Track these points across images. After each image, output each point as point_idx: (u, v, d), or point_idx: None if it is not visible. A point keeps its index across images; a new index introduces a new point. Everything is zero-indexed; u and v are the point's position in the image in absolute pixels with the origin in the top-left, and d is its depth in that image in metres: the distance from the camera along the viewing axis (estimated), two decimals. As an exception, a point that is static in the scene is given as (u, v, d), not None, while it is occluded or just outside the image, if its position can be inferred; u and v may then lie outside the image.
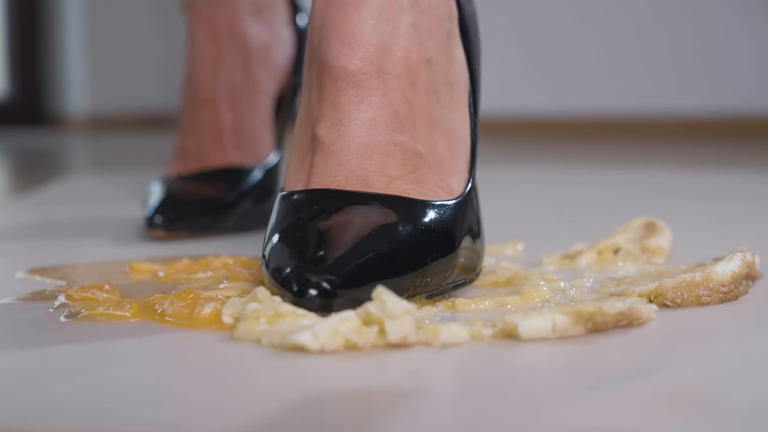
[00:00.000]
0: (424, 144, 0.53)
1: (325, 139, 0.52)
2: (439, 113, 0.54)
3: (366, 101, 0.52)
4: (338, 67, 0.52)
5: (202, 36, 0.87)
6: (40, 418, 0.35)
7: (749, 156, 1.79)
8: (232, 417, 0.35)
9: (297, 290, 0.46)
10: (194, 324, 0.48)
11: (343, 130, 0.52)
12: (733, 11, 2.51)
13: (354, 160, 0.52)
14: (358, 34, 0.53)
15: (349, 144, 0.52)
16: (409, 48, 0.53)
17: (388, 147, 0.52)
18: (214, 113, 0.85)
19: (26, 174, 1.66)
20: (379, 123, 0.52)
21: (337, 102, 0.52)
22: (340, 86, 0.52)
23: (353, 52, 0.52)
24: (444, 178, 0.53)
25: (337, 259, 0.47)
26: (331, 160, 0.52)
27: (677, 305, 0.50)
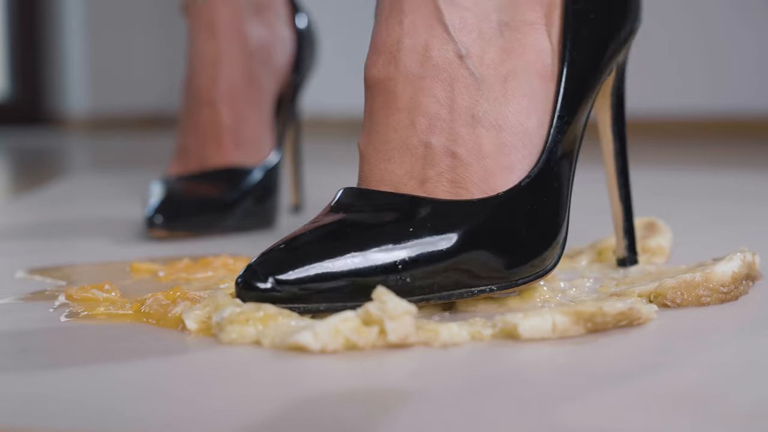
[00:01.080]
0: (462, 142, 0.51)
1: (361, 148, 0.52)
2: (486, 108, 0.51)
3: (393, 105, 0.51)
4: (368, 77, 0.52)
5: (202, 36, 0.87)
6: (40, 418, 0.35)
7: (750, 156, 1.79)
8: (232, 417, 0.35)
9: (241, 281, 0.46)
10: (166, 324, 0.48)
11: (374, 137, 0.52)
12: (734, 11, 2.51)
13: (383, 165, 0.51)
14: (382, 42, 0.52)
15: (378, 149, 0.52)
16: (438, 47, 0.51)
17: (418, 149, 0.51)
18: (214, 113, 0.85)
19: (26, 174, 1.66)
20: (407, 126, 0.51)
21: (368, 110, 0.52)
22: (370, 94, 0.52)
23: (378, 59, 0.52)
24: (486, 177, 0.50)
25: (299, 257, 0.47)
26: (365, 168, 0.52)
27: (677, 305, 0.50)
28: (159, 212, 0.78)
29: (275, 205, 0.86)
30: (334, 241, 0.47)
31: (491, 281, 0.49)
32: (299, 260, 0.47)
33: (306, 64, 0.91)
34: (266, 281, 0.46)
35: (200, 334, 0.46)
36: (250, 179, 0.84)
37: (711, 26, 2.55)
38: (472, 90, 0.51)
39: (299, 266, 0.46)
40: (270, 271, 0.46)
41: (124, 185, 1.23)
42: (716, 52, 2.55)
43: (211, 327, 0.46)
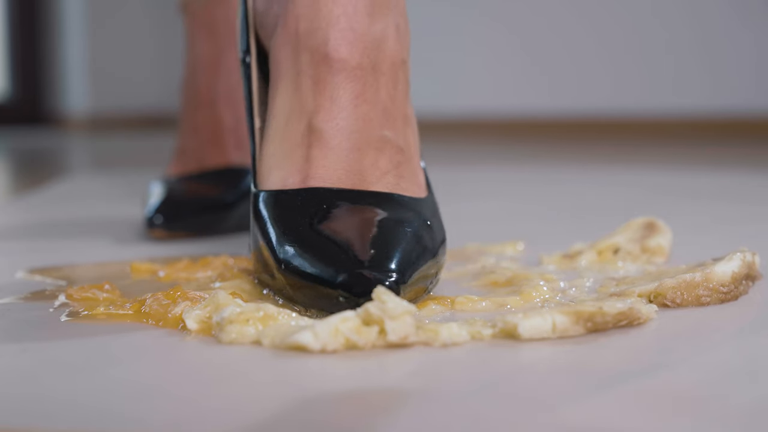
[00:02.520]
0: (402, 140, 0.55)
1: (324, 133, 0.53)
2: (409, 111, 0.56)
3: (361, 96, 0.53)
4: (339, 59, 0.53)
5: (200, 36, 0.87)
6: (40, 418, 0.35)
7: (749, 156, 1.79)
8: (232, 417, 0.35)
9: (360, 292, 0.46)
10: (166, 324, 0.48)
11: (342, 125, 0.53)
12: (733, 11, 2.51)
13: (352, 155, 0.53)
14: (356, 29, 0.54)
15: (348, 138, 0.53)
16: (394, 48, 0.55)
17: (379, 143, 0.53)
18: (213, 114, 0.85)
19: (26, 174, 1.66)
20: (372, 119, 0.53)
21: (336, 95, 0.53)
22: (339, 79, 0.53)
23: (353, 46, 0.53)
24: (416, 174, 0.55)
25: (388, 256, 0.48)
26: (330, 155, 0.53)
27: (677, 305, 0.50)
28: (159, 212, 0.78)
29: (275, 205, 0.86)
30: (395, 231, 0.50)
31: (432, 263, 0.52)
32: (386, 257, 0.47)
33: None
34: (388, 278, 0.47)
35: (200, 334, 0.46)
36: (249, 179, 0.84)
37: (710, 26, 2.55)
38: (406, 94, 0.56)
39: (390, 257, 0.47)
40: (392, 273, 0.47)
41: (124, 185, 1.23)
42: (715, 52, 2.55)
43: (211, 327, 0.46)
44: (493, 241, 0.71)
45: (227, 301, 0.47)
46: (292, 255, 0.49)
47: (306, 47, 0.54)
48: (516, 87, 2.76)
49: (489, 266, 0.61)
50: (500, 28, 2.72)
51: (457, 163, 1.56)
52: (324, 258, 0.48)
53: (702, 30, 2.56)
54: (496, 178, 1.23)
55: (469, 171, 1.43)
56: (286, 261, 0.49)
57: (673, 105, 2.56)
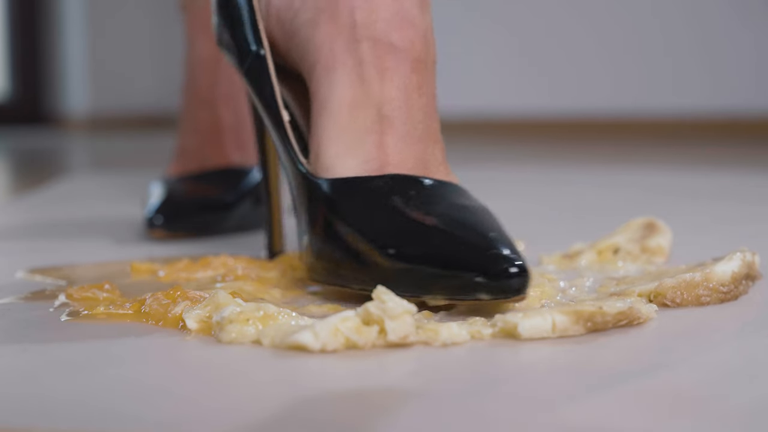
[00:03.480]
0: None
1: (396, 120, 0.54)
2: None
3: (423, 88, 0.54)
4: (404, 50, 0.54)
5: (200, 37, 0.87)
6: (40, 418, 0.35)
7: (749, 156, 1.79)
8: (232, 417, 0.35)
9: (517, 273, 0.46)
10: (166, 324, 0.48)
11: (411, 114, 0.54)
12: (733, 11, 2.51)
13: (419, 145, 0.54)
14: (413, 22, 0.55)
15: (416, 128, 0.54)
16: (433, 44, 0.56)
17: (435, 135, 0.55)
18: (213, 114, 0.85)
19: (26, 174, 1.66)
20: (430, 111, 0.55)
21: (402, 84, 0.54)
22: (405, 70, 0.54)
23: (415, 37, 0.54)
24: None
25: (505, 240, 0.48)
26: (400, 144, 0.53)
27: (677, 305, 0.50)
28: (159, 213, 0.78)
29: (275, 205, 0.86)
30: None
31: None
32: (504, 241, 0.48)
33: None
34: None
35: (200, 334, 0.46)
36: (250, 179, 0.84)
37: (710, 26, 2.55)
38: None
39: (507, 241, 0.48)
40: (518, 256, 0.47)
41: (124, 185, 1.23)
42: (715, 52, 2.55)
43: (211, 326, 0.46)
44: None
45: (227, 301, 0.47)
46: (406, 240, 0.49)
47: (367, 37, 0.54)
48: (516, 87, 2.76)
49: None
50: (500, 28, 2.72)
51: (457, 163, 1.55)
52: (451, 241, 0.48)
53: (702, 30, 2.56)
54: (496, 178, 1.23)
55: (469, 171, 1.43)
56: (397, 246, 0.49)
57: (673, 105, 2.56)
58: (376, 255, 0.49)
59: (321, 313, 0.50)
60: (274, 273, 0.59)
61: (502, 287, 0.46)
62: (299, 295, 0.55)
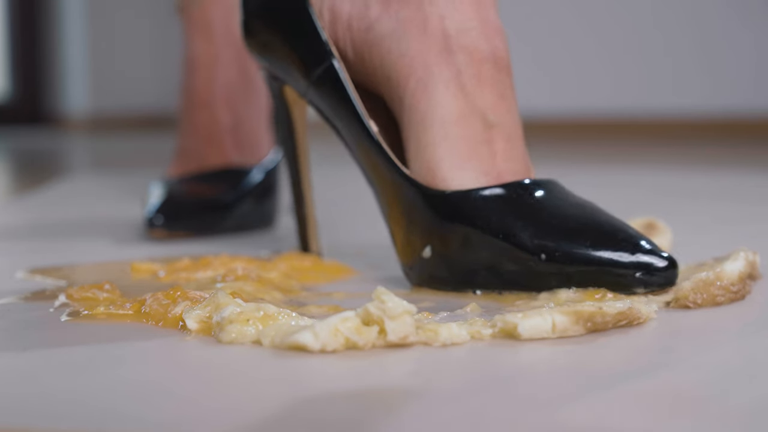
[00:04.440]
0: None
1: (504, 127, 0.55)
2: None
3: (512, 90, 0.56)
4: (500, 57, 0.56)
5: (197, 38, 0.87)
6: (40, 418, 0.35)
7: (749, 156, 1.79)
8: (232, 417, 0.35)
9: (669, 265, 0.51)
10: (166, 324, 0.48)
11: (514, 119, 0.56)
12: (733, 11, 2.51)
13: (521, 149, 0.56)
14: (498, 28, 0.56)
15: (516, 131, 0.56)
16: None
17: (522, 133, 0.57)
18: (212, 114, 0.85)
19: (26, 174, 1.66)
20: (516, 113, 0.56)
21: (503, 91, 0.56)
22: (503, 76, 0.56)
23: (501, 42, 0.56)
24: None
25: (640, 238, 0.52)
26: (511, 149, 0.55)
27: (698, 306, 0.50)
28: (159, 213, 0.78)
29: (275, 206, 0.86)
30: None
31: None
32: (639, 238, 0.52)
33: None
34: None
35: (200, 334, 0.46)
36: (249, 179, 0.84)
37: (709, 26, 2.55)
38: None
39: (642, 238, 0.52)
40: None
41: (124, 185, 1.23)
42: (714, 52, 2.55)
43: (211, 327, 0.46)
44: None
45: (227, 301, 0.47)
46: (562, 243, 0.52)
47: (461, 47, 0.55)
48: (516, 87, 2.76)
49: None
50: (500, 28, 2.72)
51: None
52: (605, 241, 0.51)
53: (701, 30, 2.56)
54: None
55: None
56: (555, 249, 0.51)
57: (673, 105, 2.56)
58: (529, 260, 0.52)
59: (321, 313, 0.50)
60: (274, 273, 0.59)
61: (659, 280, 0.51)
62: (299, 296, 0.55)
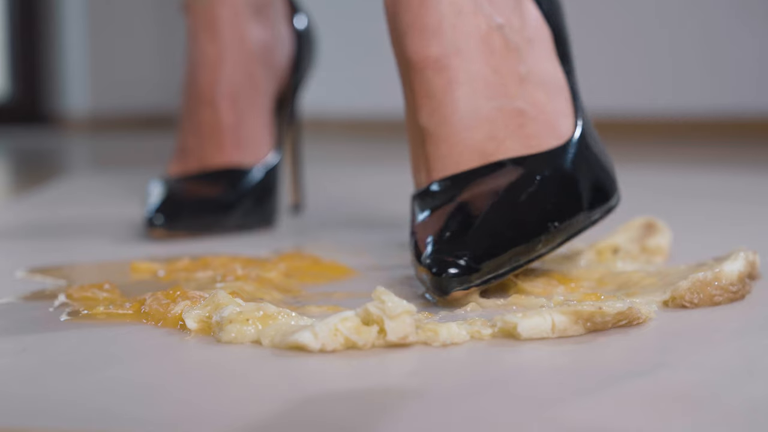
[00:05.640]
0: (521, 100, 0.56)
1: (430, 127, 0.56)
2: (526, 68, 0.57)
3: (455, 80, 0.55)
4: (420, 59, 0.56)
5: (203, 36, 0.87)
6: (40, 418, 0.35)
7: (750, 156, 1.79)
8: (232, 417, 0.35)
9: (437, 272, 0.50)
10: (166, 323, 0.48)
11: (444, 112, 0.56)
12: (735, 11, 2.51)
13: (463, 135, 0.55)
14: (428, 24, 0.56)
15: (454, 124, 0.55)
16: (475, 23, 0.56)
17: (489, 113, 0.55)
18: (215, 113, 0.85)
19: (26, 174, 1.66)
20: (472, 95, 0.55)
21: (429, 90, 0.56)
22: (427, 75, 0.56)
23: (430, 41, 0.56)
24: (552, 126, 0.56)
25: (468, 235, 0.51)
26: (442, 145, 0.56)
27: (694, 305, 0.50)
28: (159, 212, 0.78)
29: (275, 205, 0.86)
30: (485, 218, 0.53)
31: (602, 208, 0.56)
32: (471, 241, 0.52)
33: (305, 64, 0.91)
34: (461, 266, 0.50)
35: (200, 334, 0.46)
36: (250, 179, 0.84)
37: (711, 26, 2.55)
38: (513, 55, 0.57)
39: (476, 245, 0.51)
40: (458, 257, 0.50)
41: (124, 185, 1.23)
42: (716, 52, 2.55)
43: (210, 326, 0.46)
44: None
45: (227, 301, 0.47)
46: (413, 249, 0.55)
47: (398, 57, 0.58)
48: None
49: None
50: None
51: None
52: (423, 247, 0.53)
53: (703, 30, 2.56)
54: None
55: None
56: (414, 257, 0.54)
57: (674, 105, 2.56)
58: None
59: (321, 313, 0.50)
60: (274, 273, 0.59)
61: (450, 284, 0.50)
62: (299, 296, 0.55)
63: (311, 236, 0.82)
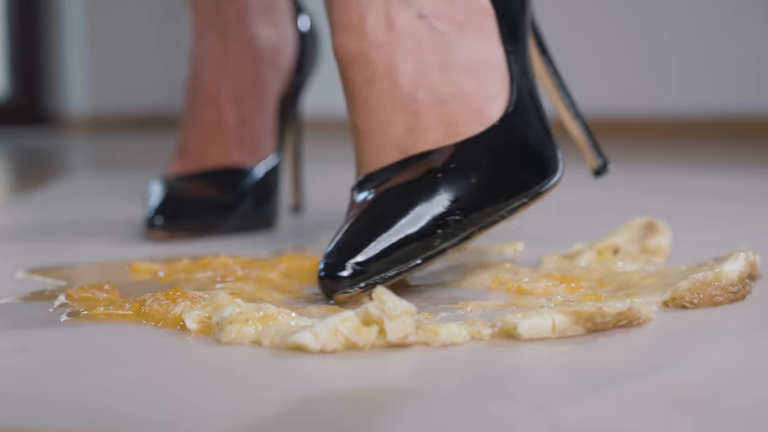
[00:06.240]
0: (444, 89, 0.55)
1: (356, 123, 0.56)
2: (454, 54, 0.56)
3: (374, 75, 0.55)
4: (344, 56, 0.56)
5: (208, 33, 0.86)
6: (40, 418, 0.35)
7: (750, 156, 1.79)
8: (232, 417, 0.35)
9: (322, 275, 0.51)
10: (166, 324, 0.48)
11: (366, 108, 0.56)
12: (735, 11, 2.51)
13: (383, 130, 0.55)
14: (350, 21, 0.56)
15: (374, 119, 0.56)
16: (394, 13, 0.56)
17: (409, 105, 0.55)
18: (218, 112, 0.85)
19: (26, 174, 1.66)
20: (392, 88, 0.55)
21: (353, 89, 0.56)
22: (351, 73, 0.56)
23: (350, 38, 0.56)
24: (479, 112, 0.56)
25: (359, 236, 0.52)
26: (364, 143, 0.56)
27: (695, 305, 0.50)
28: (159, 213, 0.78)
29: (276, 206, 0.86)
30: (385, 214, 0.52)
31: (523, 196, 0.55)
32: (362, 241, 0.51)
33: (309, 66, 0.91)
34: (346, 268, 0.50)
35: (200, 334, 0.46)
36: (250, 180, 0.84)
37: (711, 26, 2.55)
38: (437, 43, 0.56)
39: (365, 245, 0.51)
40: (345, 258, 0.51)
41: (124, 185, 1.23)
42: (716, 52, 2.55)
43: (210, 327, 0.46)
44: (493, 241, 0.71)
45: (227, 301, 0.47)
46: None
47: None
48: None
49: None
50: (500, 28, 2.72)
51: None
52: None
53: (703, 30, 2.56)
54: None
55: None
56: None
57: (674, 105, 2.56)
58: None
59: (321, 313, 0.50)
60: (274, 273, 0.59)
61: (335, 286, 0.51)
62: (299, 296, 0.55)
63: (311, 236, 0.82)
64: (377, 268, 0.50)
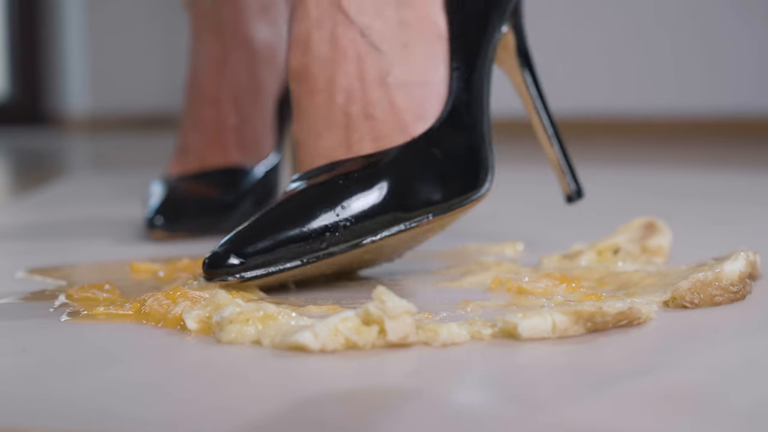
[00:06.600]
0: (377, 105, 0.57)
1: (296, 135, 0.59)
2: (392, 71, 0.58)
3: (314, 89, 0.58)
4: (291, 69, 0.59)
5: (207, 34, 0.86)
6: (40, 418, 0.35)
7: (750, 156, 1.79)
8: (231, 417, 0.35)
9: (207, 260, 0.53)
10: (166, 324, 0.48)
11: (304, 120, 0.58)
12: (735, 11, 2.51)
13: (318, 142, 0.57)
14: (298, 36, 0.59)
15: (310, 130, 0.58)
16: (335, 30, 0.58)
17: (341, 119, 0.57)
18: (218, 112, 0.85)
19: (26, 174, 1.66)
20: (328, 102, 0.57)
21: (296, 99, 0.59)
22: (294, 84, 0.59)
23: (296, 52, 0.58)
24: (404, 128, 0.57)
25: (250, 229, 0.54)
26: (302, 154, 0.58)
27: (695, 305, 0.50)
28: (159, 213, 0.78)
29: (275, 206, 0.85)
30: (279, 213, 0.55)
31: (427, 212, 0.56)
32: (253, 235, 0.54)
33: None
34: (230, 258, 0.53)
35: (200, 334, 0.46)
36: (250, 180, 0.84)
37: (711, 26, 2.55)
38: (377, 60, 0.57)
39: (254, 240, 0.53)
40: (230, 247, 0.53)
41: (124, 185, 1.23)
42: (716, 52, 2.55)
43: (211, 327, 0.46)
44: (492, 241, 0.71)
45: (227, 301, 0.47)
46: None
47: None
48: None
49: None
50: (500, 28, 2.72)
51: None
52: None
53: (703, 30, 2.56)
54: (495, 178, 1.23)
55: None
56: None
57: (674, 105, 2.56)
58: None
59: (321, 313, 0.50)
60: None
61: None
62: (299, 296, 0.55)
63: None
64: (257, 262, 0.53)
